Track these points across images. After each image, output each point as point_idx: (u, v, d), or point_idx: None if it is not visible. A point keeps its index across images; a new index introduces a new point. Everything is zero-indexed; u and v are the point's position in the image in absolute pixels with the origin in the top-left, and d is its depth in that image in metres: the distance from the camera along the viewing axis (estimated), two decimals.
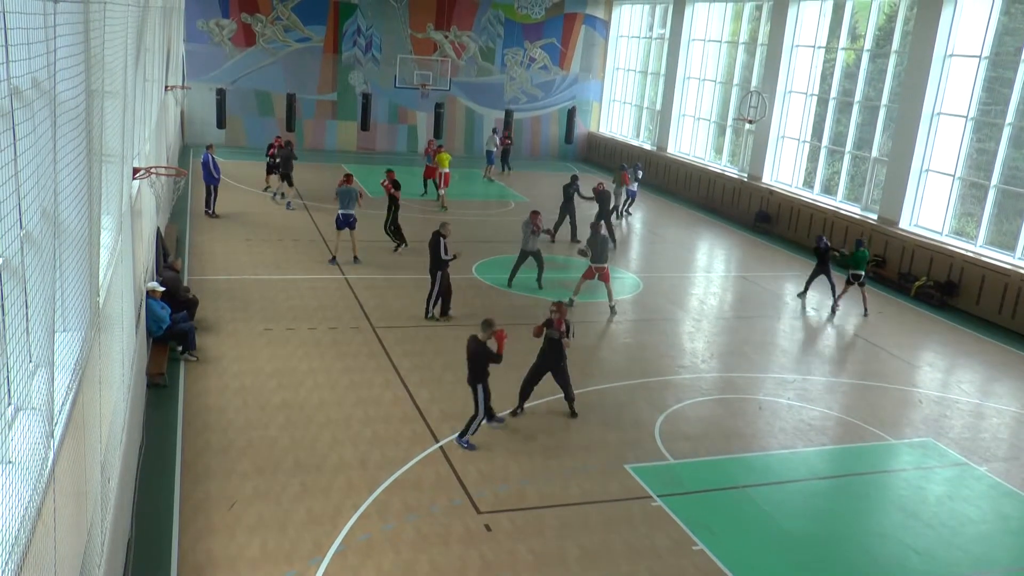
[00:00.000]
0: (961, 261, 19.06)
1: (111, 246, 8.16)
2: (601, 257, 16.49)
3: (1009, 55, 19.35)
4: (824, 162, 24.96)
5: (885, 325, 17.44)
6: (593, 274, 16.50)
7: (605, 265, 16.55)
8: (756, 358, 14.95)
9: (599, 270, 16.50)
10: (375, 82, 33.39)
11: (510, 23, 34.97)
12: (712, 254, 23.31)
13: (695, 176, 29.63)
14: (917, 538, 9.59)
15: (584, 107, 36.76)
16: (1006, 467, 11.51)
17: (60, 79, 4.69)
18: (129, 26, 9.14)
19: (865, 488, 10.76)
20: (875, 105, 23.14)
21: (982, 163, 19.96)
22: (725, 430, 11.92)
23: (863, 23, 24.00)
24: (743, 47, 28.96)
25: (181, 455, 10.02)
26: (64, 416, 4.92)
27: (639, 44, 35.40)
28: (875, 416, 12.77)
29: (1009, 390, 14.48)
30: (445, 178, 24.91)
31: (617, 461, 10.65)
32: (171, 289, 13.35)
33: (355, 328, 14.61)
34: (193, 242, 19.22)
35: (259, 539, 8.48)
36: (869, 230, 21.81)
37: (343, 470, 9.91)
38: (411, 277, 17.79)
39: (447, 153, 25.28)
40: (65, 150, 5.04)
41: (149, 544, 8.32)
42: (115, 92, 7.90)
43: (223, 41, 31.69)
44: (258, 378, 12.28)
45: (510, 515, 9.32)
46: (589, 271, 16.57)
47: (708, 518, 9.61)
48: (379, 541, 8.60)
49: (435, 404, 11.85)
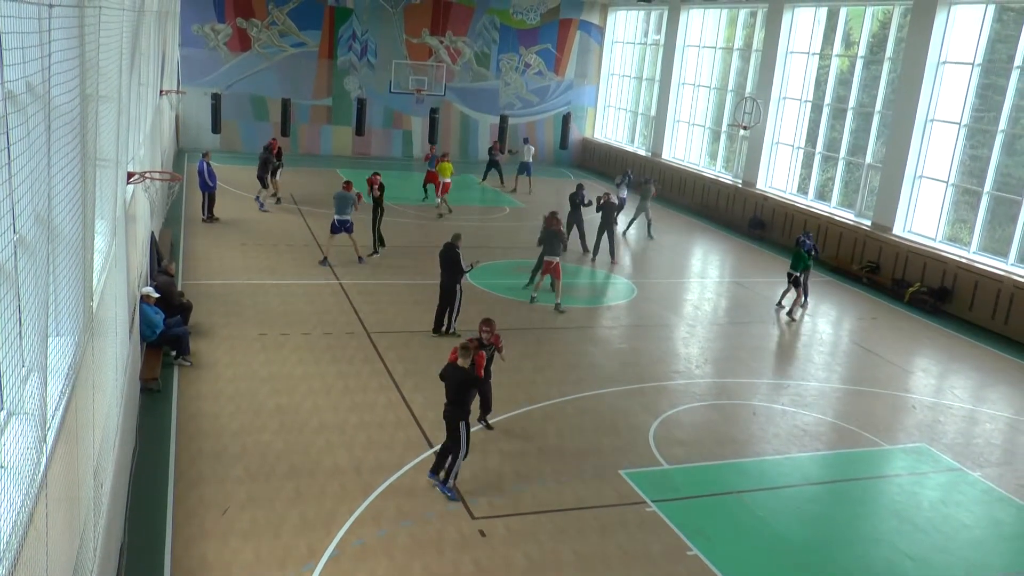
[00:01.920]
0: (954, 267, 19.12)
1: (105, 251, 8.14)
2: (553, 250, 16.72)
3: (1001, 62, 19.44)
4: (818, 168, 25.03)
5: (879, 331, 17.48)
6: (546, 268, 16.84)
7: (556, 259, 16.76)
8: (750, 363, 14.97)
9: (549, 263, 16.77)
10: (370, 87, 33.41)
11: (505, 28, 35.03)
12: (706, 260, 23.35)
13: (689, 182, 29.69)
14: (911, 543, 9.60)
15: (579, 113, 36.82)
16: (999, 472, 11.53)
17: (55, 83, 4.68)
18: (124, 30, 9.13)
19: (859, 493, 10.77)
20: (869, 111, 23.22)
21: (975, 170, 20.04)
22: (719, 435, 11.92)
23: (857, 30, 24.10)
24: (738, 53, 29.05)
25: (174, 460, 9.99)
26: (57, 421, 4.90)
27: (634, 50, 35.48)
28: (869, 421, 12.79)
29: (1002, 396, 14.52)
30: (445, 187, 24.94)
31: (612, 467, 10.64)
32: (165, 293, 13.32)
33: (350, 333, 14.59)
34: (187, 247, 19.19)
35: (253, 544, 8.45)
36: (863, 236, 21.87)
37: (337, 475, 9.89)
38: (406, 282, 17.79)
39: (450, 163, 25.28)
40: (59, 154, 5.03)
41: (142, 550, 8.29)
42: (110, 96, 7.89)
43: (218, 46, 31.68)
44: (252, 383, 12.26)
45: (505, 521, 9.30)
46: (544, 265, 16.90)
47: (703, 523, 9.61)
48: (373, 547, 8.58)
49: (429, 409, 11.83)
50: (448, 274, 14.61)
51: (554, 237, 16.85)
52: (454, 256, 14.49)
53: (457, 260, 14.47)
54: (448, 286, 14.66)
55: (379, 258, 19.39)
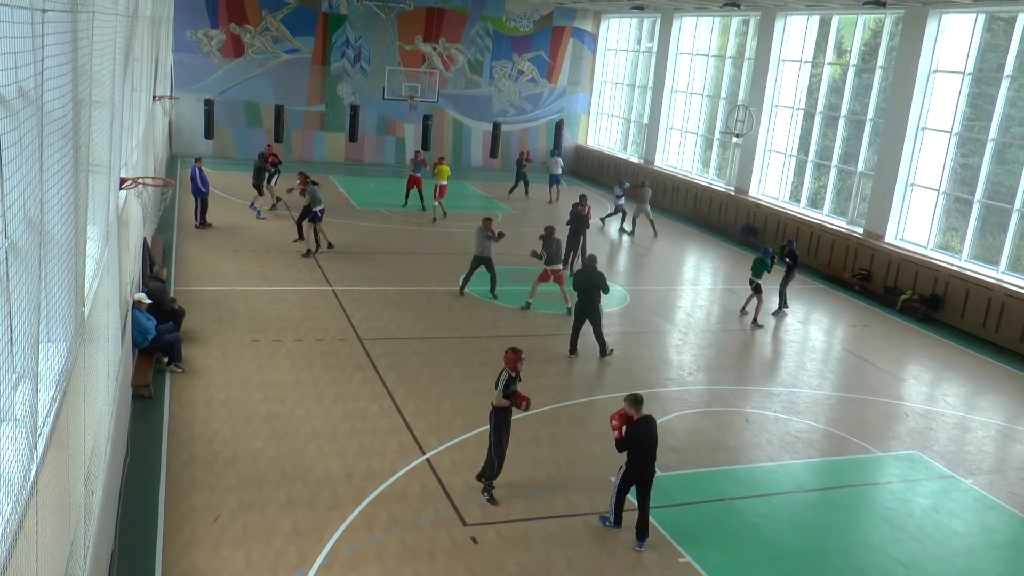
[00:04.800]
0: (946, 275, 19.20)
1: (97, 256, 8.12)
2: (556, 259, 17.02)
3: (991, 72, 19.56)
4: (810, 176, 25.12)
5: (871, 338, 17.53)
6: (548, 276, 17.01)
7: (559, 267, 17.11)
8: (743, 371, 14.99)
9: (554, 272, 17.00)
10: (363, 94, 33.42)
11: (499, 36, 35.09)
12: (699, 267, 23.39)
13: (682, 189, 29.76)
14: (903, 551, 9.61)
15: (572, 120, 36.89)
16: (991, 480, 11.56)
17: (47, 88, 4.68)
18: (117, 36, 9.12)
19: (851, 501, 10.79)
20: (861, 119, 23.33)
21: (966, 178, 20.14)
22: (712, 442, 11.93)
23: (849, 38, 24.22)
24: (730, 61, 29.16)
25: (166, 467, 9.94)
26: (48, 428, 4.88)
27: (627, 57, 35.59)
28: (861, 429, 12.81)
29: (993, 403, 14.57)
30: (442, 190, 24.97)
31: (604, 473, 10.63)
32: (156, 299, 13.28)
33: (342, 340, 14.57)
34: (180, 253, 19.14)
35: (244, 551, 8.42)
36: (855, 244, 21.95)
37: (329, 482, 9.86)
38: (398, 289, 17.78)
39: (447, 166, 25.30)
40: (52, 159, 5.02)
41: (133, 557, 8.25)
42: (103, 102, 7.87)
43: (212, 51, 31.66)
44: (244, 390, 12.22)
45: (497, 527, 9.29)
46: (544, 273, 17.06)
47: (695, 530, 9.61)
48: (365, 553, 8.56)
49: (421, 416, 11.82)
50: (589, 298, 14.59)
51: (555, 246, 17.03)
52: (598, 278, 14.66)
53: (602, 281, 14.70)
54: (594, 305, 14.66)
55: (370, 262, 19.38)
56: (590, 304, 14.66)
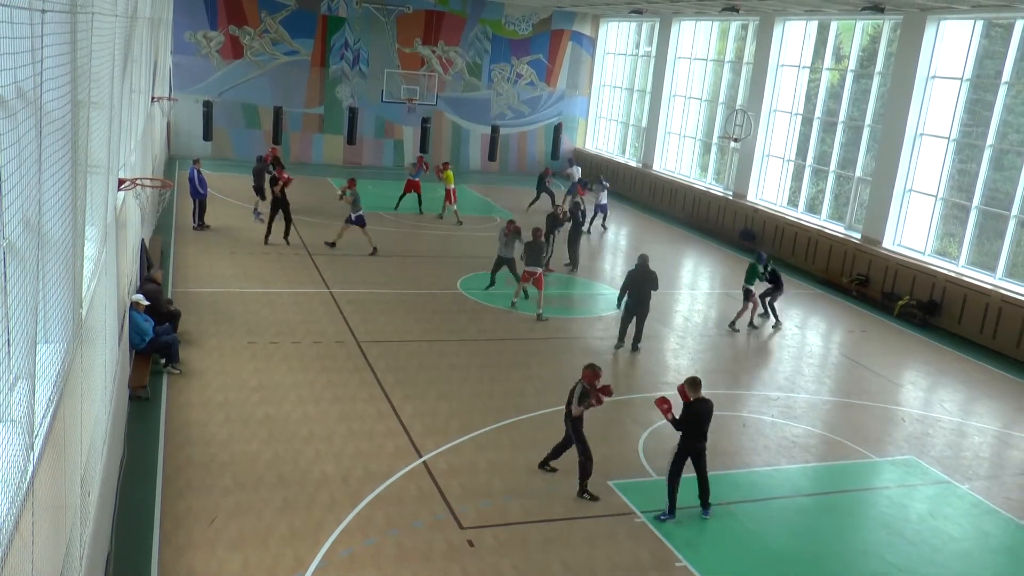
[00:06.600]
0: (943, 281, 19.22)
1: (95, 258, 8.11)
2: (534, 260, 17.06)
3: (989, 78, 19.60)
4: (808, 181, 25.15)
5: (868, 344, 17.54)
6: (528, 277, 17.11)
7: (538, 270, 17.08)
8: (740, 375, 14.99)
9: (531, 274, 17.04)
10: (362, 96, 33.42)
11: (497, 39, 35.12)
12: (697, 271, 23.40)
13: (680, 193, 29.78)
14: (899, 555, 9.62)
15: (570, 123, 36.91)
16: (987, 485, 11.57)
17: (46, 89, 4.67)
18: (116, 37, 9.12)
19: (848, 505, 10.79)
20: (859, 125, 23.36)
21: (964, 184, 20.17)
22: (709, 447, 11.90)
23: (847, 44, 24.26)
24: (729, 66, 29.19)
25: (162, 469, 9.93)
26: (44, 429, 4.87)
27: (625, 61, 35.63)
28: (858, 434, 12.82)
29: (990, 409, 14.58)
30: (452, 194, 25.06)
31: (601, 477, 10.62)
32: (152, 301, 13.26)
33: (339, 342, 14.56)
34: (178, 254, 19.12)
35: (240, 554, 8.40)
36: (853, 249, 21.97)
37: (325, 485, 9.85)
38: (396, 291, 17.77)
39: (451, 171, 25.32)
40: (50, 160, 5.01)
41: (129, 559, 8.23)
42: (101, 103, 7.87)
43: (210, 53, 31.65)
44: (241, 392, 12.21)
45: (493, 531, 9.28)
46: (524, 274, 17.22)
47: (691, 535, 9.61)
48: (361, 556, 8.55)
49: (418, 419, 11.81)
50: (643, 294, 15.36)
51: (536, 247, 17.04)
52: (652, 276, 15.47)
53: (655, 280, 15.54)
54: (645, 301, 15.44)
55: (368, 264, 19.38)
56: (642, 300, 15.30)
